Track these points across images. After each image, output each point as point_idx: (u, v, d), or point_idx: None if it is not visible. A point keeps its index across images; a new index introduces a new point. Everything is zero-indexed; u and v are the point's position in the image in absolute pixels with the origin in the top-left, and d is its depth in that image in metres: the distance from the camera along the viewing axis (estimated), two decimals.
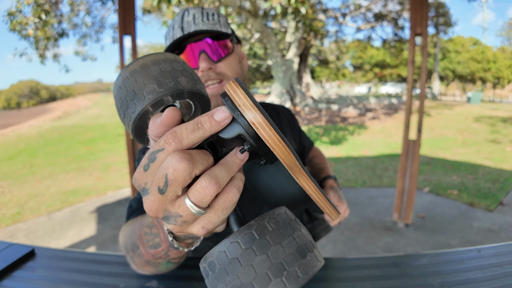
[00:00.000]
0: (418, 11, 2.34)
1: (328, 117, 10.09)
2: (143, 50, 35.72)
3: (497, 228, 2.60)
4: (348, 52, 25.76)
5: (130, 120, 0.31)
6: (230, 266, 0.24)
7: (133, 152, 2.55)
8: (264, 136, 0.23)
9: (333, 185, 0.79)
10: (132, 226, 0.53)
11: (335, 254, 2.33)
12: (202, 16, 0.68)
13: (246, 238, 0.24)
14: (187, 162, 0.22)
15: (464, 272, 0.58)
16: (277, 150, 0.24)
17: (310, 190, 0.28)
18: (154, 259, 0.48)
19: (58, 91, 63.23)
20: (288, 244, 0.25)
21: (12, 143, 9.33)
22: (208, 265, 0.25)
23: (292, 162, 0.25)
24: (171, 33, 0.69)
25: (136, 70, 0.31)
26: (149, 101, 0.29)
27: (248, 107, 0.23)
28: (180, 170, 0.22)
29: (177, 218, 0.25)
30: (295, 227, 0.26)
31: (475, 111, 11.30)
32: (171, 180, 0.22)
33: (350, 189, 3.78)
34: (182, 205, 0.24)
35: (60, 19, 7.43)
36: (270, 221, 0.25)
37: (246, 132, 0.25)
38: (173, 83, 0.31)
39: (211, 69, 0.67)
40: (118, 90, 0.32)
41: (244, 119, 0.24)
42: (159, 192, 0.23)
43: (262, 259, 0.23)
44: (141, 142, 0.35)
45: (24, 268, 0.63)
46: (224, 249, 0.24)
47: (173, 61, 0.33)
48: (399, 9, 12.85)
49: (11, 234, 2.86)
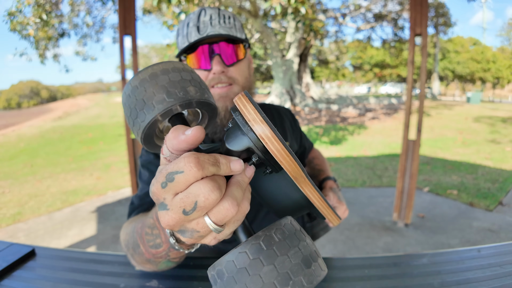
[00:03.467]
0: (418, 11, 2.34)
1: (328, 117, 10.09)
2: (143, 50, 35.72)
3: (497, 228, 2.60)
4: (348, 52, 25.76)
5: (140, 128, 0.32)
6: (238, 275, 0.25)
7: (133, 152, 2.55)
8: (272, 150, 0.24)
9: (332, 186, 0.79)
10: (134, 224, 0.54)
11: (335, 254, 2.33)
12: (219, 18, 0.68)
13: (254, 249, 0.25)
14: (218, 192, 0.24)
15: (464, 271, 0.58)
16: (285, 163, 0.25)
17: (314, 198, 0.30)
18: (155, 258, 0.48)
19: (59, 91, 63.24)
20: (294, 254, 0.26)
21: (13, 143, 9.33)
22: (217, 273, 0.26)
23: (298, 173, 0.26)
24: (185, 30, 0.69)
25: (145, 79, 0.31)
26: (159, 111, 0.30)
27: (257, 122, 0.24)
28: (212, 200, 0.24)
29: (194, 233, 0.26)
30: (300, 238, 0.28)
31: (474, 111, 11.30)
32: (200, 207, 0.24)
33: (350, 189, 3.78)
34: (200, 222, 0.25)
35: (60, 19, 7.43)
36: (276, 232, 0.27)
37: (255, 146, 0.26)
38: (182, 93, 0.31)
39: (224, 72, 0.68)
40: (127, 98, 0.32)
41: (253, 133, 0.25)
42: (183, 213, 0.24)
43: (269, 269, 0.24)
44: (149, 148, 0.36)
45: (24, 268, 0.63)
46: (232, 259, 0.25)
47: (182, 70, 0.33)
48: (399, 9, 12.85)
49: (11, 234, 2.86)
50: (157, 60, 33.67)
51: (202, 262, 0.65)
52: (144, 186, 0.68)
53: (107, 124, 12.28)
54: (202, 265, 0.64)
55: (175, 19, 5.41)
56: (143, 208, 0.64)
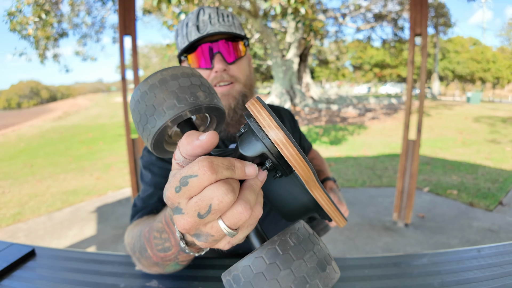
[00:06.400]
0: (418, 12, 2.34)
1: (328, 117, 10.09)
2: (143, 50, 35.70)
3: (497, 228, 2.61)
4: (348, 52, 25.75)
5: (150, 134, 0.31)
6: (255, 280, 0.25)
7: (133, 152, 2.55)
8: (287, 155, 0.25)
9: (332, 186, 0.79)
10: (140, 228, 0.53)
11: (335, 254, 2.33)
12: (218, 16, 0.68)
13: (270, 254, 0.25)
14: (232, 194, 0.24)
15: (463, 271, 0.58)
16: (299, 168, 0.25)
17: (323, 202, 0.30)
18: (163, 262, 0.49)
19: (59, 91, 63.27)
20: (309, 258, 0.26)
21: (13, 143, 9.33)
22: (233, 278, 0.26)
23: (310, 177, 0.27)
24: (184, 30, 0.69)
25: (155, 85, 0.31)
26: (170, 116, 0.30)
27: (272, 128, 0.25)
28: (226, 202, 0.24)
29: (208, 237, 0.26)
30: (314, 241, 0.28)
31: (474, 111, 11.29)
32: (215, 210, 0.24)
33: (350, 189, 3.78)
34: (215, 226, 0.25)
35: (60, 19, 7.43)
36: (291, 236, 0.27)
37: (269, 151, 0.26)
38: (192, 98, 0.31)
39: (225, 70, 0.68)
40: (136, 104, 0.32)
41: (269, 139, 0.25)
42: (198, 216, 0.24)
43: (286, 273, 0.25)
44: (158, 153, 0.36)
45: (24, 268, 0.63)
46: (249, 264, 0.26)
47: (191, 76, 0.33)
48: (398, 10, 12.85)
49: (11, 234, 2.86)
50: (157, 60, 33.66)
51: (202, 262, 0.65)
52: (147, 187, 0.67)
53: (107, 124, 12.28)
54: (202, 265, 0.64)
55: (175, 19, 5.41)
56: (147, 211, 0.64)
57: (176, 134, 0.37)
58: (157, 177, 0.67)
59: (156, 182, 0.67)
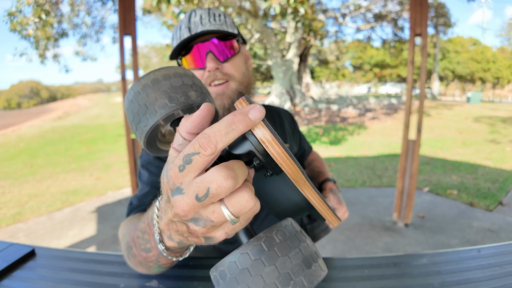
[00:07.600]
0: (418, 12, 2.34)
1: (328, 117, 10.09)
2: (143, 50, 35.70)
3: (497, 228, 2.60)
4: (348, 52, 25.75)
5: (143, 133, 0.32)
6: (240, 276, 0.25)
7: (133, 152, 2.55)
8: (273, 153, 0.25)
9: (332, 187, 0.79)
10: (128, 226, 0.54)
11: (335, 254, 2.33)
12: (209, 16, 0.69)
13: (255, 250, 0.25)
14: (232, 181, 0.23)
15: (464, 272, 0.58)
16: (285, 165, 0.25)
17: (314, 200, 0.30)
18: (146, 262, 0.48)
19: (59, 91, 63.30)
20: (295, 255, 0.26)
21: (13, 143, 9.33)
22: (219, 274, 0.26)
23: (298, 175, 0.27)
24: (178, 34, 0.70)
25: (147, 85, 0.32)
26: (161, 115, 0.31)
27: (258, 126, 0.25)
28: (225, 188, 0.23)
29: (207, 222, 0.26)
30: (301, 239, 0.28)
31: (474, 111, 11.30)
32: (212, 194, 0.23)
33: (350, 189, 3.78)
34: (216, 211, 0.25)
35: (60, 19, 7.43)
36: (277, 233, 0.27)
37: (256, 149, 0.26)
38: (184, 98, 0.32)
39: (218, 69, 0.68)
40: (129, 103, 0.33)
41: (254, 137, 0.25)
42: (196, 199, 0.24)
43: (271, 269, 0.25)
44: (152, 152, 0.36)
45: (24, 268, 0.63)
46: (234, 260, 0.26)
47: (183, 76, 0.34)
48: (398, 10, 12.85)
49: (11, 234, 2.86)
50: (157, 60, 33.67)
51: (202, 262, 0.65)
52: (144, 186, 0.67)
53: (107, 124, 12.28)
54: (202, 265, 0.64)
55: (174, 19, 5.41)
56: (141, 209, 0.64)
57: (170, 133, 0.38)
58: (153, 176, 0.67)
59: (152, 181, 0.67)
